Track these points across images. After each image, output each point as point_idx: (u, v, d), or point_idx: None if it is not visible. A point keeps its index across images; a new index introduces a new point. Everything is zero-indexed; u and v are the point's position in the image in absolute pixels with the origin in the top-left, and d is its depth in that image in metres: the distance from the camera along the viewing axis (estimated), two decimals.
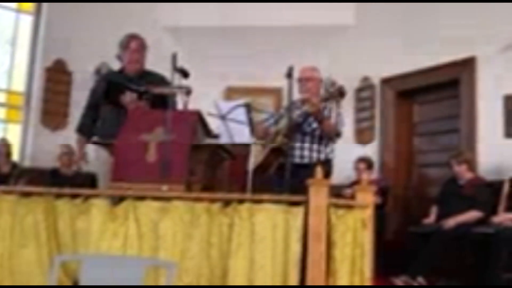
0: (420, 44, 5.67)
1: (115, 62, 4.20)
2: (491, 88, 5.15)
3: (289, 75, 3.54)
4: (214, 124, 3.68)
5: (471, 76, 5.30)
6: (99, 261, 2.32)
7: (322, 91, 4.11)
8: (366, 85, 6.31)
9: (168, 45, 5.89)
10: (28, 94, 6.46)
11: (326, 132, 4.05)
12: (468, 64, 5.32)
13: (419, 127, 6.12)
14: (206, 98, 4.27)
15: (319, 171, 2.87)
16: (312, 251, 2.79)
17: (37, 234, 3.07)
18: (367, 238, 2.91)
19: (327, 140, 4.14)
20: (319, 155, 4.10)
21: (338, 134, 4.16)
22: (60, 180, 5.23)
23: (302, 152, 4.09)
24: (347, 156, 5.37)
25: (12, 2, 6.53)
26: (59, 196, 3.16)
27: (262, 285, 2.81)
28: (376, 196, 4.00)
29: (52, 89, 6.39)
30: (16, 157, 6.04)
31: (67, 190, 3.27)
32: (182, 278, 2.87)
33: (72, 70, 6.47)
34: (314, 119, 4.02)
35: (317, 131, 4.08)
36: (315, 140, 4.11)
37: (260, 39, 6.44)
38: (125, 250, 2.96)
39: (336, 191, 4.25)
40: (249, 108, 3.62)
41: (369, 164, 5.56)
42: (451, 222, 4.50)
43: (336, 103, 4.13)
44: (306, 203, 2.85)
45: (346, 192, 4.94)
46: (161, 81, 3.88)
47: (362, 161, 5.57)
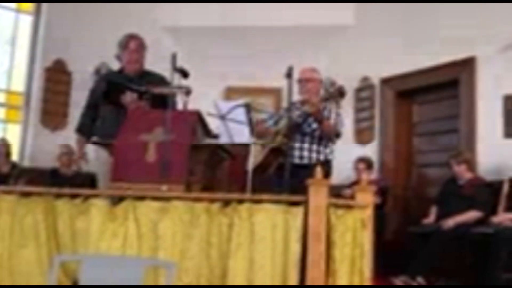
0: (420, 44, 5.66)
1: (114, 62, 4.19)
2: (490, 88, 5.15)
3: (288, 75, 3.53)
4: (214, 124, 3.67)
5: (471, 76, 5.30)
6: (98, 261, 2.32)
7: (322, 92, 4.11)
8: (365, 85, 6.31)
9: (168, 45, 5.90)
10: (27, 94, 6.45)
11: (325, 132, 4.05)
12: (467, 64, 5.32)
13: (418, 127, 6.11)
14: (206, 98, 4.26)
15: (318, 171, 2.87)
16: (311, 251, 2.79)
17: (36, 234, 3.07)
18: (366, 238, 2.91)
19: (326, 141, 4.14)
20: (318, 155, 4.10)
21: (338, 135, 4.16)
22: (60, 180, 5.22)
23: (301, 152, 4.09)
24: (346, 156, 5.37)
25: (12, 2, 6.53)
26: (58, 196, 3.16)
27: (262, 285, 2.81)
28: (376, 196, 3.99)
29: (52, 89, 6.38)
30: (15, 157, 6.03)
31: (67, 190, 3.27)
32: (181, 278, 2.87)
33: (71, 70, 6.46)
34: (314, 120, 4.02)
35: (316, 131, 4.09)
36: (315, 140, 4.11)
37: (260, 39, 6.43)
38: (124, 250, 2.96)
39: (336, 191, 4.25)
40: (248, 108, 3.62)
41: (368, 164, 5.55)
42: (450, 222, 4.50)
43: (336, 104, 4.13)
44: (306, 203, 2.85)
45: (346, 193, 4.94)
46: (160, 81, 3.88)
47: (362, 161, 5.57)
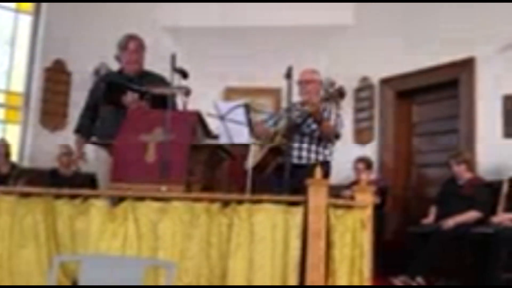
0: (420, 44, 5.66)
1: (114, 62, 4.19)
2: (490, 88, 5.15)
3: (288, 75, 3.53)
4: (214, 125, 3.67)
5: (471, 76, 5.30)
6: (98, 261, 2.32)
7: (322, 92, 4.11)
8: (365, 85, 6.31)
9: (167, 45, 5.90)
10: (27, 95, 6.45)
11: (325, 133, 4.04)
12: (467, 64, 5.32)
13: (418, 127, 6.11)
14: (206, 98, 4.27)
15: (318, 171, 2.87)
16: (311, 251, 2.79)
17: (36, 234, 3.07)
18: (366, 238, 2.91)
19: (325, 141, 4.13)
20: (317, 156, 4.09)
21: (337, 136, 4.15)
22: (59, 181, 5.23)
23: (300, 152, 4.09)
24: (346, 156, 5.37)
25: (11, 2, 6.52)
26: (58, 196, 3.16)
27: (262, 285, 2.81)
28: (375, 196, 4.00)
29: (51, 89, 6.38)
30: (15, 157, 6.03)
31: (66, 191, 3.27)
32: (181, 278, 2.87)
33: (71, 70, 6.46)
34: (314, 120, 4.02)
35: (316, 132, 4.08)
36: (314, 141, 4.11)
37: (260, 39, 6.44)
38: (124, 250, 2.96)
39: (335, 191, 4.25)
40: (248, 108, 3.62)
41: (368, 164, 5.55)
42: (450, 222, 4.50)
43: (335, 104, 4.13)
44: (305, 203, 2.85)
45: (345, 193, 4.94)
46: (160, 81, 3.88)
47: (361, 161, 5.56)
